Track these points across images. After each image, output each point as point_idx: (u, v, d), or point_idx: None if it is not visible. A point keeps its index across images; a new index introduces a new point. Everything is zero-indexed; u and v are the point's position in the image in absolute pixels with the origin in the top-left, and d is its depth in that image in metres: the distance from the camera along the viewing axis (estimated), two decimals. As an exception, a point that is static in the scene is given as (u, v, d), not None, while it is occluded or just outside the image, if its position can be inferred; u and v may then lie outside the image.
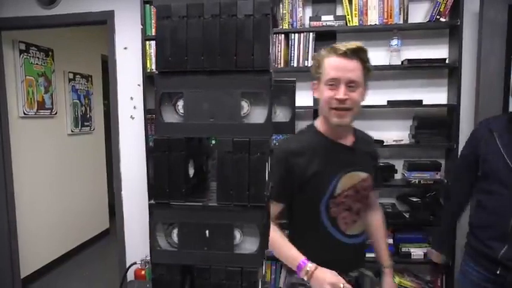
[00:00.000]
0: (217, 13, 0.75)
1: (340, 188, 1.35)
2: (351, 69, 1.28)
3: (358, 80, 1.28)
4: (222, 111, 0.76)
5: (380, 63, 2.68)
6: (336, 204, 1.35)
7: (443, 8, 2.52)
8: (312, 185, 1.35)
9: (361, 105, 1.36)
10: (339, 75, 1.28)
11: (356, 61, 1.28)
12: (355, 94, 1.29)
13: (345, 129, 1.39)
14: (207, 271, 0.78)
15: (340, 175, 1.35)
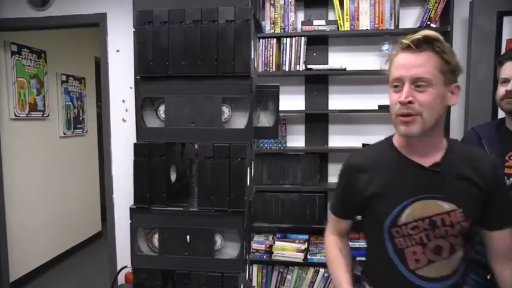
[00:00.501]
0: (198, 19, 0.75)
1: (407, 217, 1.09)
2: (418, 65, 1.02)
3: (427, 77, 1.01)
4: (202, 116, 0.76)
5: (371, 68, 2.69)
6: (401, 235, 1.11)
7: (434, 14, 2.54)
8: (371, 208, 1.15)
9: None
10: (401, 74, 1.04)
11: (426, 54, 1.02)
12: (424, 95, 1.01)
13: (425, 143, 1.08)
14: (188, 276, 0.78)
15: (408, 201, 1.09)
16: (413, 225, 1.08)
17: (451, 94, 1.04)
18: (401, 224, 1.09)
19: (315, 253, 2.70)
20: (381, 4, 2.57)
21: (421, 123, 1.02)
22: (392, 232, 1.10)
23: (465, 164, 1.09)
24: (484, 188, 1.07)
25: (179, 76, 0.77)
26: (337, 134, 2.87)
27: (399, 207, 1.09)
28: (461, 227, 1.07)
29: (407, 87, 1.02)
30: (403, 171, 1.10)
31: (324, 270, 2.69)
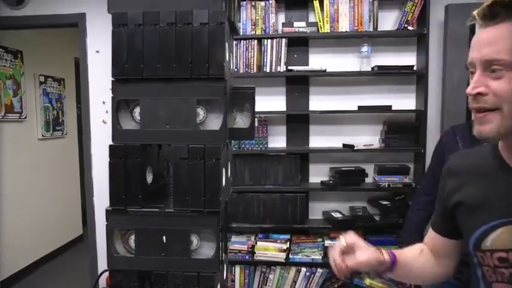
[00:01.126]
0: (173, 21, 0.76)
1: (494, 242, 0.82)
2: (490, 42, 0.75)
3: (503, 58, 0.73)
4: (177, 118, 0.77)
5: (351, 69, 2.74)
6: (486, 263, 0.85)
7: (411, 17, 2.60)
8: (458, 221, 0.93)
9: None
10: (472, 56, 0.79)
11: (505, 25, 0.73)
12: (500, 83, 0.74)
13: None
14: (165, 276, 0.79)
15: (498, 222, 0.82)
16: (501, 256, 0.81)
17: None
18: (486, 249, 0.83)
19: (296, 252, 2.72)
20: (360, 7, 2.62)
21: (499, 120, 0.75)
22: (478, 256, 0.86)
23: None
24: None
25: (154, 78, 0.77)
26: (317, 135, 2.91)
27: (486, 227, 0.83)
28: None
29: (477, 74, 0.78)
30: (501, 182, 0.83)
31: (305, 269, 2.72)
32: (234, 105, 0.83)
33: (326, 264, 2.73)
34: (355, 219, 2.74)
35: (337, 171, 2.74)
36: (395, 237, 2.78)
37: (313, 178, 2.93)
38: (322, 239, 2.77)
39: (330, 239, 2.75)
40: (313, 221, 2.86)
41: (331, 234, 2.78)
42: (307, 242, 2.76)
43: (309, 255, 2.71)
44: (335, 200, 2.91)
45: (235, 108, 0.81)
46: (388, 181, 2.72)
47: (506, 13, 0.72)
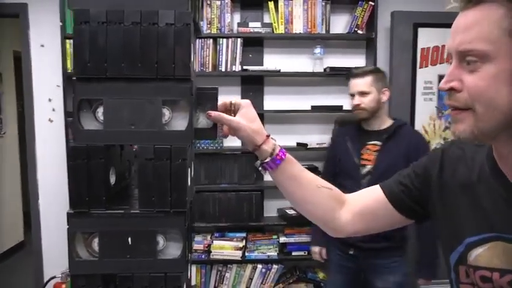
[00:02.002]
0: (138, 21, 0.75)
1: (479, 258, 0.71)
2: (464, 28, 0.63)
3: (477, 48, 0.61)
4: (142, 118, 0.77)
5: (304, 70, 2.82)
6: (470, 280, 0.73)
7: (361, 21, 2.73)
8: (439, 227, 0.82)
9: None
10: (448, 46, 0.69)
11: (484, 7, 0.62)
12: (474, 78, 0.62)
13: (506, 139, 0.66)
14: (130, 279, 0.78)
15: (485, 236, 0.70)
16: (484, 275, 0.70)
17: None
18: (470, 264, 0.72)
19: (252, 250, 2.76)
20: (313, 10, 2.71)
21: (472, 121, 0.63)
22: (460, 272, 0.74)
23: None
24: None
25: (118, 78, 0.76)
26: (272, 134, 2.92)
27: (474, 239, 0.71)
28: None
29: (452, 66, 0.66)
30: (489, 187, 0.71)
31: (261, 266, 2.76)
32: (197, 105, 0.83)
33: (281, 260, 2.80)
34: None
35: (292, 169, 2.81)
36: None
37: (268, 176, 2.96)
38: (277, 236, 2.83)
39: (285, 235, 2.82)
40: (269, 219, 2.91)
41: (286, 230, 2.85)
42: (262, 239, 2.81)
43: (265, 252, 2.76)
44: (289, 198, 2.98)
45: (198, 109, 0.82)
46: (339, 178, 2.83)
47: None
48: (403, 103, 2.80)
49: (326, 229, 0.93)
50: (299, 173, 0.87)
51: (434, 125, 2.82)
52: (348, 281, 2.06)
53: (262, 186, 2.88)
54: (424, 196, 0.82)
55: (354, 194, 0.94)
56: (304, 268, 2.92)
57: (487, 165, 0.72)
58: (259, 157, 0.85)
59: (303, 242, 2.79)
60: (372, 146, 1.96)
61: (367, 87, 1.95)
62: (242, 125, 0.81)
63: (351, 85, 2.01)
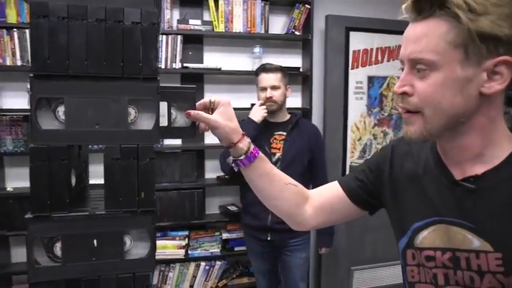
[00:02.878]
0: (102, 18, 0.73)
1: (424, 240, 0.80)
2: (414, 39, 0.70)
3: (426, 58, 0.68)
4: (108, 118, 0.75)
5: (244, 69, 2.87)
6: (416, 262, 0.81)
7: (298, 23, 2.85)
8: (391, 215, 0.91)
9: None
10: (400, 53, 0.74)
11: (432, 21, 0.68)
12: (423, 84, 0.69)
13: (457, 147, 0.75)
14: (97, 282, 0.76)
15: (431, 219, 0.79)
16: (429, 254, 0.78)
17: (489, 76, 0.67)
18: (417, 247, 0.81)
19: (195, 248, 2.76)
20: (253, 9, 2.76)
21: (421, 124, 0.71)
22: (408, 254, 0.83)
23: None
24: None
25: (82, 76, 0.73)
26: (213, 131, 2.97)
27: (420, 223, 0.80)
28: (497, 282, 0.69)
29: (405, 72, 0.73)
30: (433, 178, 0.80)
31: (205, 263, 2.77)
32: (174, 104, 0.84)
33: (224, 256, 2.83)
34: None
35: (233, 166, 2.85)
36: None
37: (209, 174, 2.99)
38: (219, 233, 2.86)
39: (228, 231, 2.85)
40: (211, 216, 2.92)
41: (228, 227, 2.88)
42: (205, 236, 2.82)
43: (208, 249, 2.77)
44: (230, 194, 3.01)
45: (175, 108, 0.82)
46: (278, 173, 2.94)
47: (432, 9, 0.67)
48: (337, 102, 2.98)
49: (291, 223, 0.99)
50: (270, 170, 0.93)
51: (365, 122, 3.04)
52: (271, 264, 2.39)
53: (203, 183, 2.88)
54: (377, 189, 0.91)
55: (315, 190, 1.01)
56: (246, 262, 2.98)
57: (431, 158, 0.81)
58: (233, 154, 0.88)
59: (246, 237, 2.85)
60: (279, 135, 2.26)
61: (278, 82, 2.23)
62: (220, 123, 0.84)
63: (263, 79, 2.24)
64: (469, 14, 0.63)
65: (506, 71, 0.66)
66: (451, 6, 0.64)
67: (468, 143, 0.73)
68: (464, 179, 0.74)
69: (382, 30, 2.96)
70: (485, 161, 0.72)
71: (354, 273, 3.08)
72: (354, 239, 3.02)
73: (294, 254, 2.31)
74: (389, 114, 3.09)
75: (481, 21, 0.63)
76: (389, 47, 3.00)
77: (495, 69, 0.66)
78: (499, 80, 0.66)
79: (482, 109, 0.69)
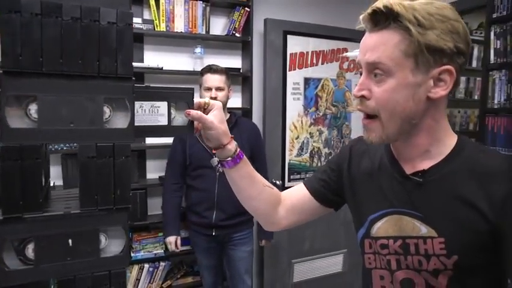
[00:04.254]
0: (78, 16, 0.73)
1: (379, 230, 0.88)
2: (371, 47, 0.78)
3: (383, 63, 0.76)
4: (83, 116, 0.75)
5: (186, 69, 2.87)
6: (372, 250, 0.90)
7: (238, 25, 2.92)
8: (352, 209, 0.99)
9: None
10: (358, 59, 0.82)
11: (387, 32, 0.76)
12: (379, 89, 0.77)
13: (408, 145, 0.84)
14: (72, 282, 0.76)
15: (384, 211, 0.87)
16: (383, 243, 0.87)
17: (435, 83, 0.76)
18: (373, 236, 0.89)
19: (138, 250, 2.70)
20: (194, 10, 2.78)
21: (380, 130, 0.80)
22: (366, 244, 0.91)
23: (471, 179, 0.77)
24: (494, 221, 0.73)
25: (56, 74, 0.72)
26: (154, 131, 2.92)
27: (375, 215, 0.89)
28: (441, 263, 0.78)
29: (363, 77, 0.80)
30: (387, 173, 0.89)
31: (148, 265, 2.72)
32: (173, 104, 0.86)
33: (168, 256, 2.81)
34: None
35: (175, 166, 2.84)
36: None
37: (151, 174, 2.95)
38: (163, 233, 2.82)
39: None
40: (153, 217, 2.88)
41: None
42: (148, 237, 2.77)
43: (151, 251, 2.73)
44: (173, 194, 2.99)
45: (173, 107, 0.84)
46: (219, 172, 2.98)
47: (386, 22, 0.75)
48: (276, 102, 3.11)
49: (266, 223, 1.06)
50: (251, 172, 0.99)
51: (302, 121, 3.21)
52: (216, 259, 2.48)
53: (145, 184, 2.83)
54: (339, 187, 1.01)
55: (286, 192, 1.08)
56: (190, 262, 2.99)
57: (385, 156, 0.91)
58: (219, 155, 0.93)
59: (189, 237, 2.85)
60: None
61: (223, 83, 2.32)
62: (215, 124, 0.88)
63: (209, 79, 2.30)
64: (418, 28, 0.72)
65: (449, 78, 0.75)
66: (403, 20, 0.73)
67: (417, 141, 0.81)
68: (413, 174, 0.83)
69: (316, 35, 3.15)
70: (432, 157, 0.82)
71: (294, 266, 3.24)
72: (294, 234, 3.17)
73: (238, 248, 2.41)
74: (324, 114, 3.30)
75: (428, 35, 0.72)
76: (323, 51, 3.21)
77: (440, 76, 0.75)
78: (443, 86, 0.76)
79: (429, 112, 0.78)
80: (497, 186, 0.74)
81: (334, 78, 3.30)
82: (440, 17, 0.73)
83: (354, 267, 3.27)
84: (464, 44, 0.76)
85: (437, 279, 0.79)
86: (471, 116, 4.22)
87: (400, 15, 0.73)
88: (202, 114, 0.87)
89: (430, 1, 0.76)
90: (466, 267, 0.77)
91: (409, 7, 0.73)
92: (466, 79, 4.19)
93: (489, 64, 2.26)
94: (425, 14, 0.73)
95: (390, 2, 0.74)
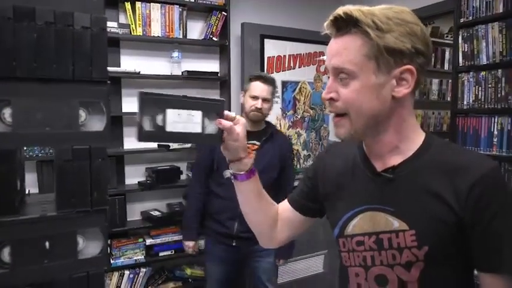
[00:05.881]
0: (51, 21, 0.74)
1: (354, 228, 0.91)
2: (336, 52, 0.83)
3: (347, 67, 0.80)
4: (58, 120, 0.76)
5: (163, 73, 2.87)
6: (347, 248, 0.93)
7: (215, 29, 2.94)
8: (327, 209, 1.02)
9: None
10: (326, 64, 0.87)
11: (348, 37, 0.80)
12: (346, 90, 0.82)
13: (377, 142, 0.87)
14: (49, 285, 0.76)
15: (359, 209, 0.90)
16: (359, 240, 0.89)
17: (398, 82, 0.80)
18: (348, 234, 0.91)
19: (118, 256, 2.67)
20: (171, 14, 2.78)
21: (349, 125, 0.83)
22: (340, 243, 0.94)
23: (439, 174, 0.81)
24: (460, 213, 0.78)
25: (30, 78, 0.73)
26: (132, 136, 2.89)
27: (350, 214, 0.91)
28: (413, 255, 0.81)
29: (330, 80, 0.85)
30: (359, 172, 0.92)
31: (129, 271, 2.70)
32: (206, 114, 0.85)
33: (149, 262, 2.79)
34: (173, 214, 2.88)
35: (154, 171, 2.83)
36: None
37: (130, 179, 2.92)
38: (143, 239, 2.81)
39: (151, 237, 2.82)
40: (133, 222, 2.86)
41: (151, 232, 2.85)
42: (128, 244, 2.75)
43: (132, 257, 2.71)
44: (153, 199, 2.98)
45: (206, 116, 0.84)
46: (200, 176, 2.97)
47: (347, 27, 0.79)
48: (254, 105, 3.14)
49: (264, 238, 1.10)
50: (260, 188, 1.01)
51: (280, 124, 3.25)
52: (230, 271, 2.30)
53: (124, 190, 2.81)
54: (317, 193, 1.03)
55: (280, 206, 1.10)
56: (172, 267, 2.98)
57: (358, 155, 0.93)
58: (233, 168, 0.95)
59: (169, 242, 2.85)
60: (251, 145, 2.17)
61: (270, 95, 2.20)
62: (240, 137, 0.89)
63: (258, 88, 2.18)
64: (376, 32, 0.76)
65: (410, 77, 0.79)
66: (362, 25, 0.77)
67: (386, 139, 0.85)
68: (384, 170, 0.86)
69: (293, 38, 3.20)
70: (401, 153, 0.85)
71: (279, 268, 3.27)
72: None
73: (263, 259, 2.31)
74: (302, 117, 3.35)
75: (387, 38, 0.76)
76: (300, 54, 3.26)
77: (402, 76, 0.79)
78: (405, 85, 0.80)
79: (396, 110, 0.82)
80: (462, 180, 0.77)
81: (311, 81, 3.36)
82: (399, 21, 0.78)
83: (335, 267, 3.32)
84: (422, 45, 0.80)
85: (410, 272, 0.82)
86: (444, 117, 4.35)
87: (359, 21, 0.77)
88: (232, 125, 0.87)
89: (389, 6, 0.80)
90: (437, 258, 0.80)
91: (368, 13, 0.78)
92: (439, 81, 4.33)
93: (458, 67, 2.34)
94: (383, 18, 0.77)
95: (350, 9, 0.78)
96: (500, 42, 2.06)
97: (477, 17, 2.19)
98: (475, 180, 0.76)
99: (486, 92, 2.15)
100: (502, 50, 2.06)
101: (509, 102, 2.02)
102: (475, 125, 2.23)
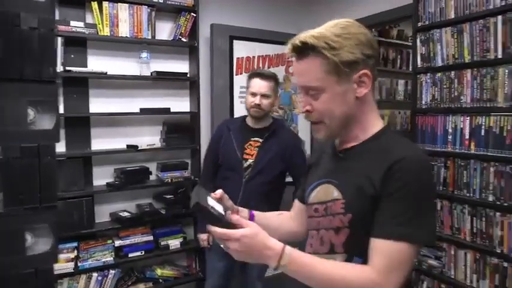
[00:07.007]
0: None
1: (313, 198, 1.08)
2: (301, 73, 0.98)
3: (314, 85, 0.95)
4: (6, 118, 0.77)
5: (132, 74, 2.86)
6: (308, 214, 1.11)
7: (184, 30, 2.96)
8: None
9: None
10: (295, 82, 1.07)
11: (308, 59, 0.94)
12: (318, 103, 0.97)
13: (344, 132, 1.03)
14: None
15: (319, 181, 1.07)
16: (316, 208, 1.05)
17: (358, 85, 0.95)
18: (310, 203, 1.09)
19: (86, 259, 2.65)
20: (139, 15, 2.78)
21: (325, 130, 0.99)
22: (307, 209, 1.12)
23: (374, 157, 0.94)
24: (377, 186, 0.90)
25: (-24, 77, 0.74)
26: (100, 137, 2.88)
27: (313, 185, 1.09)
28: (340, 221, 0.96)
29: (302, 96, 1.00)
30: (328, 154, 1.11)
31: (97, 273, 2.67)
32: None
33: (118, 264, 2.77)
34: (143, 215, 2.88)
35: (123, 172, 2.82)
36: (180, 227, 3.09)
37: (98, 181, 2.90)
38: (112, 240, 2.79)
39: (120, 238, 2.81)
40: (101, 224, 2.83)
41: (120, 233, 2.83)
42: (96, 245, 2.72)
43: (100, 259, 2.69)
44: (122, 200, 2.97)
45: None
46: (170, 176, 2.98)
47: (306, 52, 0.93)
48: (223, 104, 3.18)
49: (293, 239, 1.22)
50: (263, 219, 1.15)
51: (250, 124, 3.29)
52: (230, 267, 2.31)
53: (92, 191, 2.78)
54: None
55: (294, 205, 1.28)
56: (141, 268, 2.97)
57: (331, 143, 1.10)
58: None
59: (139, 243, 2.84)
60: (254, 142, 2.21)
61: (270, 91, 2.19)
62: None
63: (256, 84, 2.18)
64: (331, 51, 0.90)
65: (367, 79, 0.95)
66: (318, 49, 0.91)
67: (353, 129, 1.01)
68: (340, 151, 1.04)
69: (262, 39, 3.25)
70: (357, 140, 1.01)
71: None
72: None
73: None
74: (271, 117, 3.40)
75: (340, 54, 0.91)
76: (269, 55, 3.32)
77: (360, 79, 0.95)
78: (364, 86, 0.96)
79: (360, 107, 0.98)
80: (387, 160, 0.90)
81: (280, 81, 3.41)
82: (347, 35, 0.92)
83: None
84: (370, 50, 0.95)
85: (338, 235, 0.97)
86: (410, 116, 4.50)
87: (315, 46, 0.91)
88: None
89: (335, 22, 0.95)
90: (358, 225, 0.93)
91: (320, 36, 0.91)
92: (404, 82, 4.48)
93: (417, 68, 2.45)
94: (334, 37, 0.91)
95: (305, 37, 0.92)
96: (453, 45, 2.17)
97: (433, 22, 2.29)
98: (394, 161, 0.89)
99: (442, 92, 2.25)
100: (454, 53, 2.17)
101: (461, 102, 2.13)
102: (432, 124, 2.33)
